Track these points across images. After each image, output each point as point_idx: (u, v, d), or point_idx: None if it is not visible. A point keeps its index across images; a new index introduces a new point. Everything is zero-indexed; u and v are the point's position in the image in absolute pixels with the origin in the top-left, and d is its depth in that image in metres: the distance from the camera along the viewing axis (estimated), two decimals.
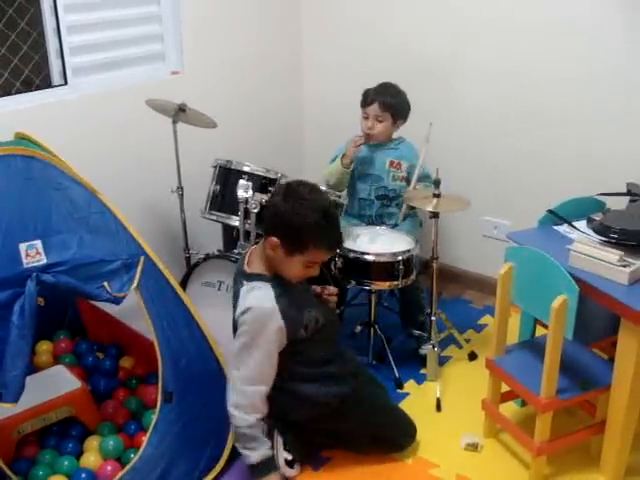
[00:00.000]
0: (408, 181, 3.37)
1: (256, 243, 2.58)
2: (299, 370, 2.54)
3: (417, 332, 3.26)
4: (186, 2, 3.49)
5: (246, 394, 2.40)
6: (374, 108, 3.25)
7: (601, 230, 2.61)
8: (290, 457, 2.58)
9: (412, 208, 3.33)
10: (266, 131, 4.04)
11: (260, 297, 2.39)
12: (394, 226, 3.34)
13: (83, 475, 2.47)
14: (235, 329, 2.45)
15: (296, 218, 2.33)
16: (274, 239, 2.36)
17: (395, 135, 3.40)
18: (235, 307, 2.47)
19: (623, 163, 3.17)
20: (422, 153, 3.13)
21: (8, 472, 2.34)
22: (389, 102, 3.26)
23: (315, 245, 2.36)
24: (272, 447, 2.48)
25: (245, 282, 2.44)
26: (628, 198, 2.85)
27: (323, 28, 4.06)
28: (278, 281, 2.44)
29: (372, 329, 3.21)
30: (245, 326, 2.37)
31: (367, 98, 3.29)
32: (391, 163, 3.35)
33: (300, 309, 2.47)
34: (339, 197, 3.11)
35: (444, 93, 3.69)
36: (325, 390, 2.57)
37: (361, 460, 2.68)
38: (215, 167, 3.21)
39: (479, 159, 3.01)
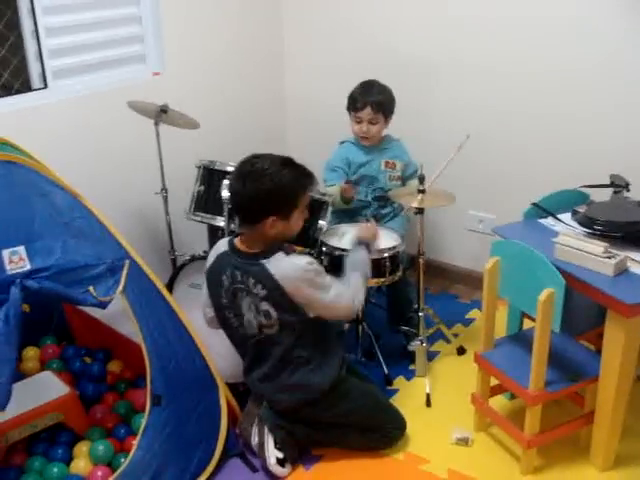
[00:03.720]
0: (403, 180, 3.38)
1: (237, 235, 2.61)
2: (308, 348, 2.58)
3: (405, 328, 3.26)
4: (166, 3, 3.47)
5: (357, 293, 2.60)
6: (367, 112, 3.23)
7: (586, 222, 2.62)
8: (281, 455, 2.59)
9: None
10: (249, 130, 4.02)
11: (284, 259, 2.47)
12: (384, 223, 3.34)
13: None
14: (279, 300, 2.47)
15: (276, 189, 2.42)
16: (270, 219, 2.43)
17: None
18: (265, 284, 2.46)
19: (606, 155, 3.19)
20: (448, 159, 3.03)
21: None
22: (380, 102, 3.23)
23: (300, 194, 2.50)
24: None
25: (263, 261, 2.46)
26: (612, 190, 2.86)
27: (304, 27, 4.05)
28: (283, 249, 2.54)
29: (360, 327, 3.21)
30: (301, 281, 2.45)
31: (357, 102, 3.25)
32: (386, 163, 3.35)
33: None
34: (323, 195, 3.10)
35: (427, 89, 3.69)
36: (322, 373, 2.58)
37: (352, 457, 2.68)
38: (199, 168, 3.19)
39: (463, 153, 3.02)
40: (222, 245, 2.62)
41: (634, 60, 3.08)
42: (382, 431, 2.73)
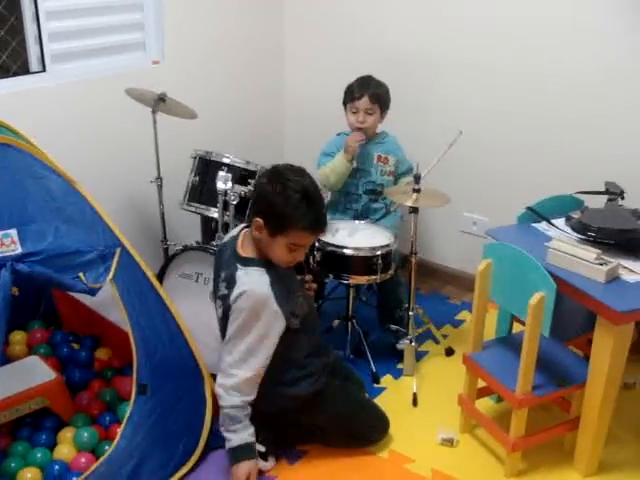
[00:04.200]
0: (395, 176, 3.38)
1: (247, 226, 2.55)
2: (285, 369, 2.53)
3: (395, 327, 3.26)
4: None
5: (232, 377, 2.41)
6: (364, 102, 3.24)
7: (579, 228, 2.62)
8: (263, 449, 2.58)
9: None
10: (247, 122, 4.02)
11: (256, 282, 2.38)
12: (377, 220, 3.34)
13: (56, 467, 2.44)
14: (226, 310, 2.43)
15: (277, 198, 2.35)
16: (259, 220, 2.38)
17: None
18: (228, 289, 2.42)
19: (602, 162, 3.19)
20: (438, 156, 3.05)
21: None
22: (377, 93, 3.26)
23: (294, 225, 2.35)
24: (254, 434, 2.46)
25: (240, 266, 2.42)
26: (606, 197, 2.86)
27: (305, 21, 4.04)
28: (271, 267, 2.44)
29: (350, 323, 3.21)
30: (239, 311, 2.37)
31: (354, 93, 3.27)
32: (379, 158, 3.35)
33: (291, 296, 2.47)
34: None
35: (424, 87, 3.69)
36: (304, 385, 2.57)
37: (336, 454, 2.68)
38: (194, 158, 3.19)
39: (459, 155, 3.02)
40: (237, 230, 2.59)
41: (636, 63, 3.08)
42: (362, 436, 2.73)
